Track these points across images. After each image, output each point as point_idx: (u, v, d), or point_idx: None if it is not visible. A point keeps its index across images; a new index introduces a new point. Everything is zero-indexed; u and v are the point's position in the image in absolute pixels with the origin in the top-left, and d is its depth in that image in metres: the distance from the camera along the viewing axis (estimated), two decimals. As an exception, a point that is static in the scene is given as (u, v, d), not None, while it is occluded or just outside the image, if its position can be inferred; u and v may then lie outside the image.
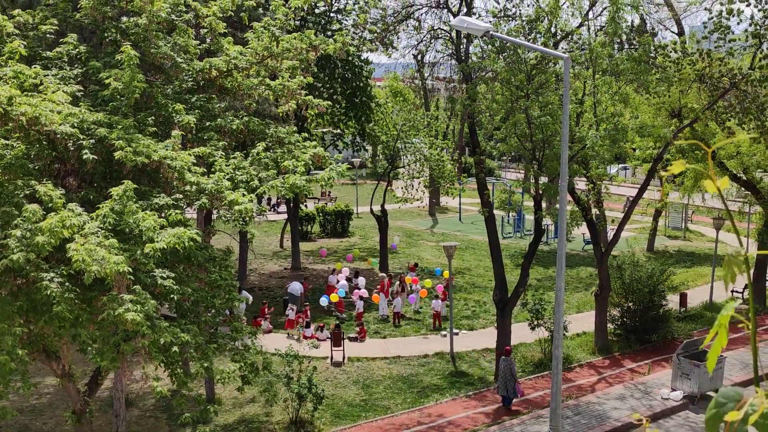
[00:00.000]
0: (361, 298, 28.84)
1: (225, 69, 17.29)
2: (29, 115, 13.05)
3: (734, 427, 1.67)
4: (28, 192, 13.20)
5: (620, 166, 62.87)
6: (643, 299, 25.49)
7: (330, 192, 53.94)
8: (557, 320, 15.87)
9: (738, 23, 23.11)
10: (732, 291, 32.43)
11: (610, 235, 29.28)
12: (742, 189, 30.68)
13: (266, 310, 27.47)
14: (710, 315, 29.47)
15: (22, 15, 16.54)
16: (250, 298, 27.67)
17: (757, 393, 1.73)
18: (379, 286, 30.11)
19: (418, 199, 37.32)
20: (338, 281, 30.99)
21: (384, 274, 32.14)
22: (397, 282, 29.60)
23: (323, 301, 29.07)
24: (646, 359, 24.81)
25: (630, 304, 25.90)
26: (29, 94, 13.82)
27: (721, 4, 22.04)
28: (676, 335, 26.36)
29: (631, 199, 29.42)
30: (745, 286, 30.66)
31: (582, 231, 33.34)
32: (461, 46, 23.86)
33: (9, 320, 12.28)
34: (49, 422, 20.15)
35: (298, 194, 16.11)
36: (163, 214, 13.73)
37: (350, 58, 33.48)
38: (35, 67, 14.80)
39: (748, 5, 22.19)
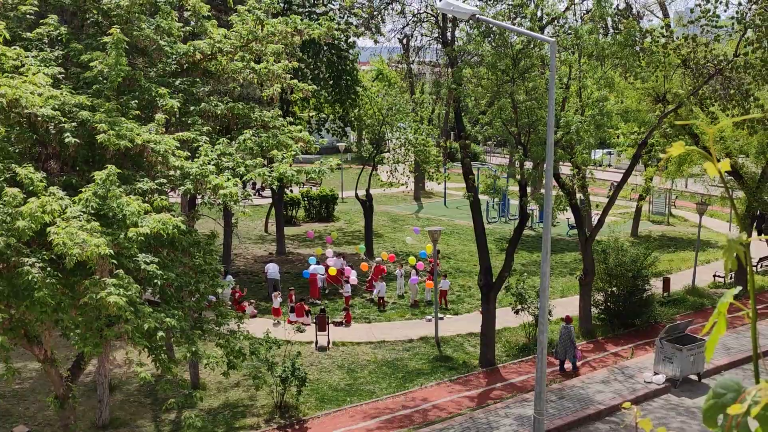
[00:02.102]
0: (347, 281, 28.79)
1: (209, 52, 17.09)
2: (9, 96, 12.83)
3: (737, 420, 1.63)
4: (8, 176, 13.00)
5: (605, 151, 62.99)
6: (627, 284, 25.63)
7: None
8: (542, 305, 15.89)
9: (725, 10, 23.12)
10: (714, 275, 32.71)
11: (595, 220, 29.36)
12: (725, 174, 30.82)
13: (237, 294, 27.30)
14: (693, 299, 29.70)
15: (1, -5, 16.21)
16: (233, 282, 27.61)
17: (759, 385, 1.69)
18: (373, 272, 30.23)
19: (403, 184, 37.32)
20: (320, 262, 30.78)
21: (379, 259, 32.12)
22: (412, 270, 29.90)
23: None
24: (629, 343, 24.98)
25: (614, 288, 26.03)
26: (9, 75, 13.58)
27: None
28: (659, 320, 26.58)
29: (615, 184, 29.47)
30: (730, 270, 30.85)
31: (567, 216, 33.41)
32: (447, 30, 23.73)
33: (-10, 305, 12.14)
34: (31, 407, 20.03)
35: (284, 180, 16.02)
36: (147, 199, 13.59)
37: (335, 42, 33.20)
38: (15, 49, 14.54)
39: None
